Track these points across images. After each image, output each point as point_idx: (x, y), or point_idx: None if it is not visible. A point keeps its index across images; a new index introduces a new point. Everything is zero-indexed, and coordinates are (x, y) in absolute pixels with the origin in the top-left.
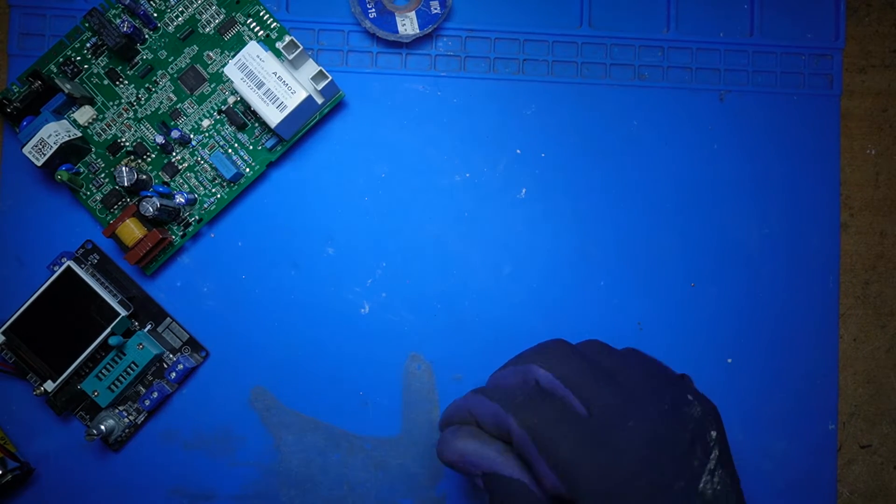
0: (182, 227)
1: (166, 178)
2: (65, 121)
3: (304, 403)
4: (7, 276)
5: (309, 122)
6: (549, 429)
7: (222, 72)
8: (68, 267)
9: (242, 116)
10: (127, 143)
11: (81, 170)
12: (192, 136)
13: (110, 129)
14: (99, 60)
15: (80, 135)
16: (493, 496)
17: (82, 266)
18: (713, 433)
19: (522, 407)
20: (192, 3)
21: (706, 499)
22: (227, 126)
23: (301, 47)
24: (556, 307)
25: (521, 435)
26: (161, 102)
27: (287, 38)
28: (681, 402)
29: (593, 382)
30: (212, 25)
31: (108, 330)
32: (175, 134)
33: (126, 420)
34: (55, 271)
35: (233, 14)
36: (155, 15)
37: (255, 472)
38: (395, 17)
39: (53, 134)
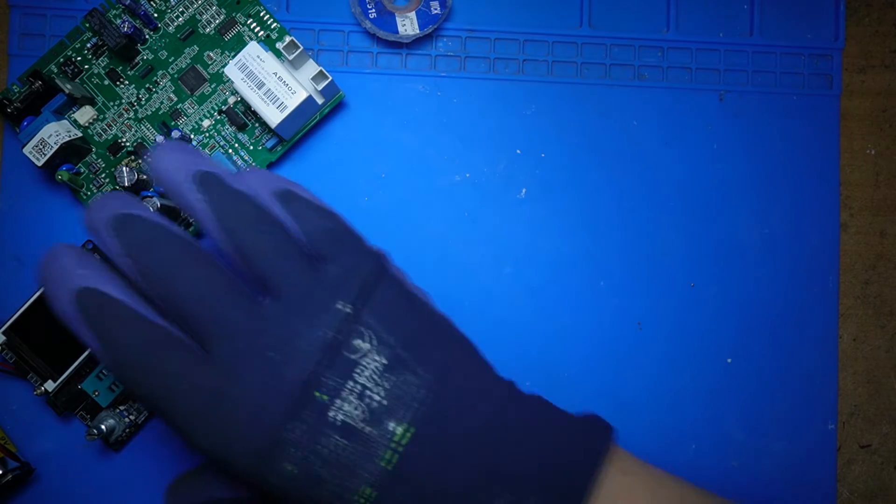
0: (183, 228)
1: None
2: (65, 121)
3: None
4: (7, 276)
5: (309, 123)
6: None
7: (223, 72)
8: None
9: (243, 117)
10: (127, 144)
11: (82, 170)
12: (192, 136)
13: (111, 130)
14: (99, 61)
15: (80, 135)
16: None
17: None
18: (361, 342)
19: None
20: (193, 3)
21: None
22: (227, 126)
23: (301, 48)
24: (556, 307)
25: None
26: (161, 103)
27: (287, 39)
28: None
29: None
30: (212, 26)
31: None
32: (176, 134)
33: (127, 420)
34: None
35: (233, 14)
36: (155, 15)
37: None
38: (396, 18)
39: (54, 134)
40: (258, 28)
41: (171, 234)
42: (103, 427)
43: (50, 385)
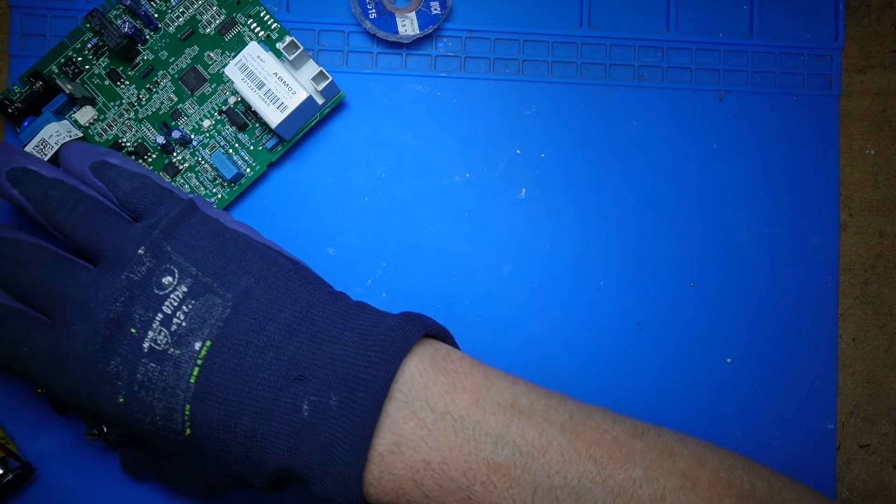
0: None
1: (167, 179)
2: (66, 121)
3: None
4: None
5: (309, 123)
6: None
7: (223, 72)
8: None
9: (243, 117)
10: (128, 144)
11: None
12: (192, 136)
13: (111, 130)
14: (100, 61)
15: (81, 135)
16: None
17: None
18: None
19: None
20: (193, 3)
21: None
22: (227, 126)
23: (301, 48)
24: (556, 307)
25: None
26: (162, 103)
27: (287, 39)
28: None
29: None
30: (212, 26)
31: None
32: (176, 134)
33: None
34: None
35: (233, 15)
36: (156, 15)
37: None
38: (396, 18)
39: (55, 134)
40: (258, 28)
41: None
42: (104, 426)
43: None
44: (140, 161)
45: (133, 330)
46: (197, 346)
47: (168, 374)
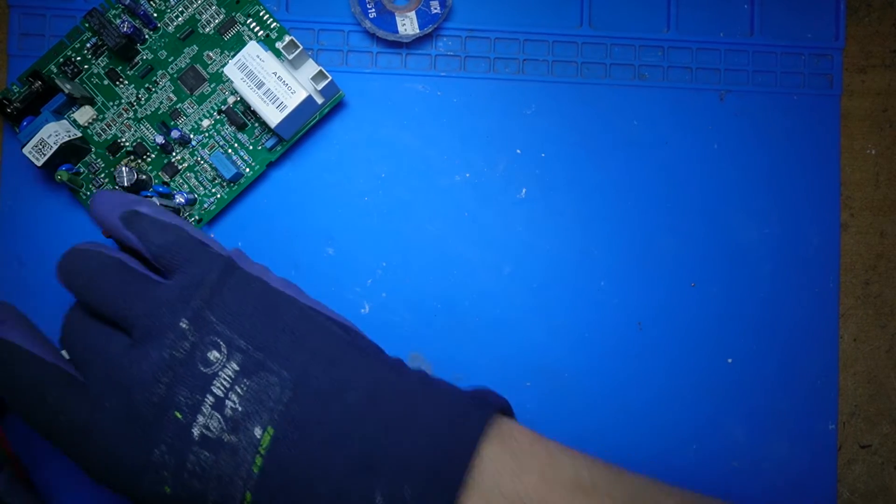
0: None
1: (166, 179)
2: (65, 121)
3: None
4: (7, 276)
5: (309, 122)
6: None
7: (222, 72)
8: None
9: (242, 116)
10: (127, 144)
11: (81, 170)
12: (191, 136)
13: (110, 130)
14: (99, 60)
15: (80, 135)
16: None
17: None
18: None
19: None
20: (192, 3)
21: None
22: (226, 126)
23: (301, 47)
24: (556, 307)
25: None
26: (161, 102)
27: (287, 38)
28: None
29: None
30: (212, 25)
31: None
32: (175, 134)
33: None
34: None
35: (233, 14)
36: (155, 15)
37: None
38: (395, 17)
39: (53, 134)
40: (258, 28)
41: None
42: None
43: None
44: (139, 161)
45: (178, 414)
46: (257, 432)
47: (225, 464)
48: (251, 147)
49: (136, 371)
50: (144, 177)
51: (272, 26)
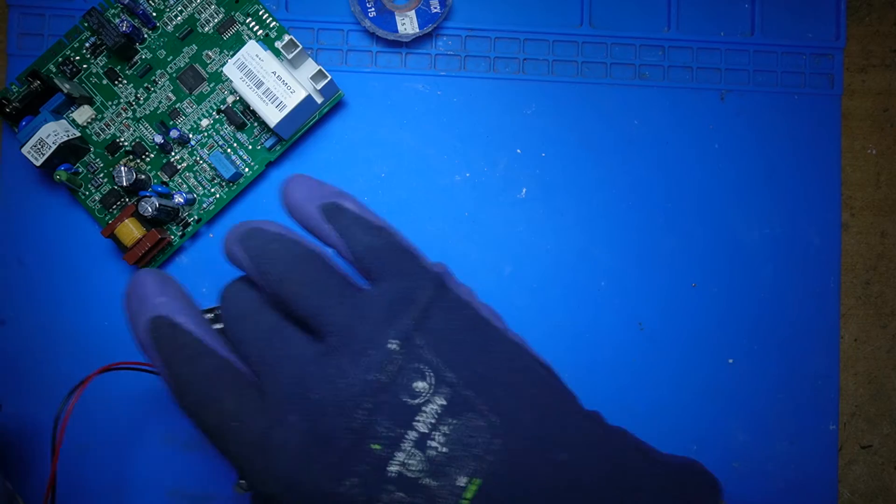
0: (181, 227)
1: (165, 178)
2: (63, 120)
3: None
4: (7, 276)
5: (308, 122)
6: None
7: (221, 71)
8: None
9: (241, 116)
10: (126, 143)
11: (80, 170)
12: (190, 135)
13: (109, 129)
14: (98, 60)
15: (78, 134)
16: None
17: None
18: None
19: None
20: (192, 2)
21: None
22: (226, 125)
23: (300, 46)
24: (556, 307)
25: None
26: (160, 102)
27: (286, 38)
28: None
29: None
30: (211, 25)
31: None
32: (174, 133)
33: None
34: None
35: (232, 13)
36: (154, 14)
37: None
38: (395, 16)
39: (52, 134)
40: (257, 27)
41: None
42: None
43: None
44: (138, 161)
45: (377, 446)
46: (461, 481)
47: None
48: (250, 147)
49: (334, 389)
50: (143, 176)
51: (271, 25)
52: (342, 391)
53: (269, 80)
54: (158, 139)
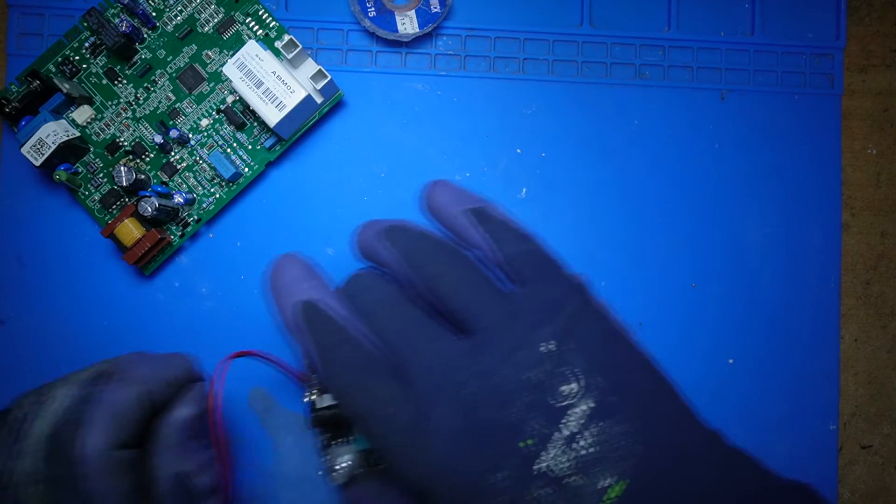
0: (181, 227)
1: (165, 178)
2: (63, 120)
3: (303, 405)
4: (6, 276)
5: (308, 122)
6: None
7: (221, 71)
8: None
9: (241, 116)
10: (125, 143)
11: (80, 169)
12: (190, 135)
13: (109, 129)
14: (97, 60)
15: (78, 134)
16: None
17: None
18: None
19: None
20: (191, 2)
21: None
22: (225, 125)
23: (300, 46)
24: None
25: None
26: (160, 102)
27: (286, 37)
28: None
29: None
30: (210, 24)
31: None
32: (174, 133)
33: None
34: None
35: (231, 13)
36: (153, 14)
37: (254, 473)
38: (395, 16)
39: (52, 134)
40: (257, 27)
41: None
42: (344, 465)
43: (325, 400)
44: (137, 161)
45: (529, 443)
46: (605, 482)
47: None
48: (250, 146)
49: (488, 385)
50: (143, 176)
51: (271, 25)
52: (497, 387)
53: (269, 80)
54: (158, 139)
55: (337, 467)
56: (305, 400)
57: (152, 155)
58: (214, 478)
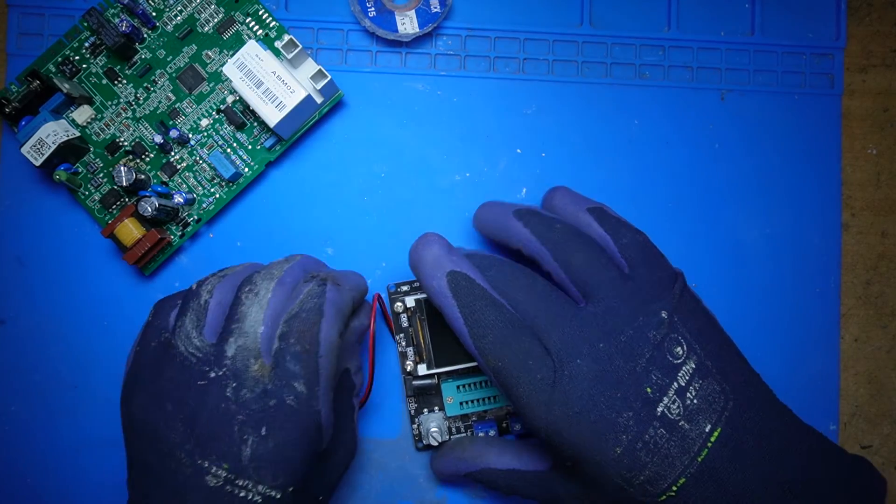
0: (181, 227)
1: (165, 178)
2: (63, 120)
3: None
4: (6, 276)
5: (308, 122)
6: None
7: (221, 71)
8: None
9: (241, 116)
10: (125, 143)
11: (80, 169)
12: (190, 135)
13: (109, 129)
14: (97, 60)
15: (78, 134)
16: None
17: None
18: (677, 349)
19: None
20: (191, 2)
21: (671, 418)
22: (225, 125)
23: (300, 46)
24: None
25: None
26: (160, 102)
27: (286, 37)
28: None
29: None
30: (210, 24)
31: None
32: (174, 133)
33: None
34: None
35: (232, 13)
36: (153, 14)
37: None
38: (395, 16)
39: (52, 133)
40: (257, 27)
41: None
42: (434, 433)
43: (422, 369)
44: (137, 161)
45: (649, 390)
46: (706, 427)
47: (674, 445)
48: (250, 146)
49: (617, 341)
50: (143, 176)
51: (271, 25)
52: (625, 344)
53: (269, 80)
54: (158, 139)
55: (432, 431)
56: (408, 369)
57: (152, 155)
58: (360, 380)
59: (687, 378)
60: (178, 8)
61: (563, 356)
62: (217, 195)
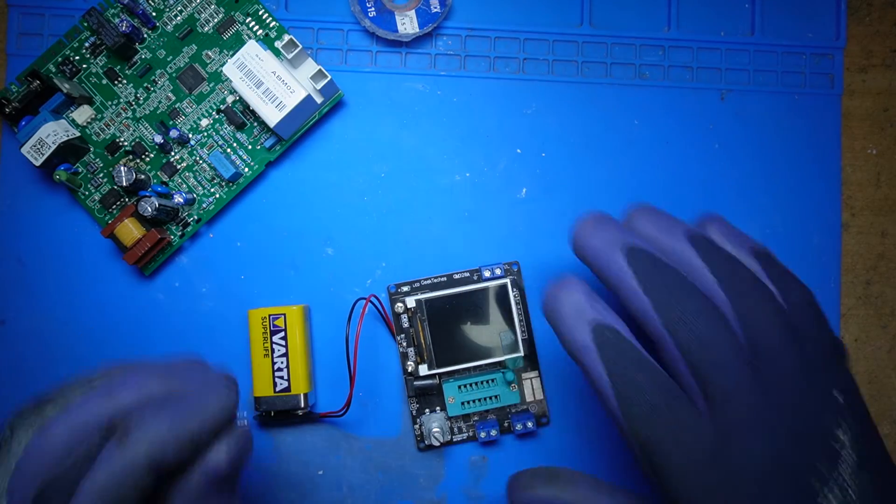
0: (181, 227)
1: (165, 178)
2: (63, 120)
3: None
4: (7, 276)
5: (308, 122)
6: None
7: (221, 71)
8: (505, 283)
9: (241, 116)
10: (125, 143)
11: (80, 169)
12: (190, 135)
13: (109, 129)
14: (97, 60)
15: (78, 134)
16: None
17: (514, 290)
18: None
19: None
20: (191, 2)
21: None
22: (225, 125)
23: (300, 46)
24: None
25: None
26: (160, 102)
27: (286, 37)
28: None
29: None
30: (211, 24)
31: (504, 359)
32: (174, 133)
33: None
34: (494, 275)
35: (232, 13)
36: (153, 14)
37: (254, 474)
38: (395, 16)
39: (52, 133)
40: (257, 27)
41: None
42: (436, 434)
43: (423, 369)
44: (137, 161)
45: (814, 482)
46: None
47: None
48: (250, 146)
49: (786, 423)
50: (143, 176)
51: (271, 25)
52: (800, 431)
53: (269, 80)
54: (158, 139)
55: (434, 431)
56: (409, 369)
57: (152, 155)
58: None
59: (847, 469)
60: (178, 8)
61: (725, 433)
62: (217, 195)
